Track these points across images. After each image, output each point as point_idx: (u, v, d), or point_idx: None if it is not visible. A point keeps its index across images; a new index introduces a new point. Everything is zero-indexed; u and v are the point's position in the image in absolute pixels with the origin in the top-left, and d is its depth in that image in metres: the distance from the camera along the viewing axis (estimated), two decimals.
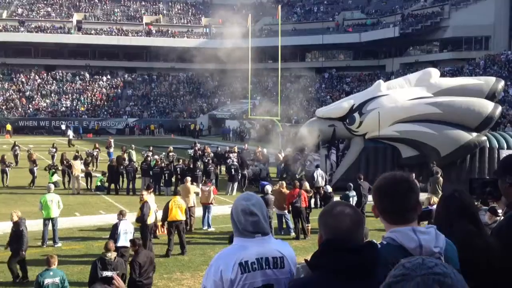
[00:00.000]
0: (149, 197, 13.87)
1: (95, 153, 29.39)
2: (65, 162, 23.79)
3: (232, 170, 23.03)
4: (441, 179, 18.61)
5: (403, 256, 2.25)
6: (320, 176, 20.03)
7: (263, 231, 2.86)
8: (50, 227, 14.16)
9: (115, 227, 11.32)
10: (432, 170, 20.08)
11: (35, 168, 23.88)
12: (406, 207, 2.34)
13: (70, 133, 44.67)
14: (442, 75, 31.01)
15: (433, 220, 2.75)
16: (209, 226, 16.14)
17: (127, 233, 11.26)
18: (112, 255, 8.91)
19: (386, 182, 2.35)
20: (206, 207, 16.24)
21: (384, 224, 2.41)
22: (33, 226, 15.90)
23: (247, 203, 2.88)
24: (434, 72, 24.12)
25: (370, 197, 16.77)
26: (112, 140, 34.65)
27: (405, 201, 2.33)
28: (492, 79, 23.69)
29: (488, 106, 21.37)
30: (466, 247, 2.47)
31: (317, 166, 20.99)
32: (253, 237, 2.83)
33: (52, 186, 15.57)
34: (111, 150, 31.80)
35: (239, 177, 23.46)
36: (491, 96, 22.26)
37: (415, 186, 2.40)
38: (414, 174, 18.60)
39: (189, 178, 17.23)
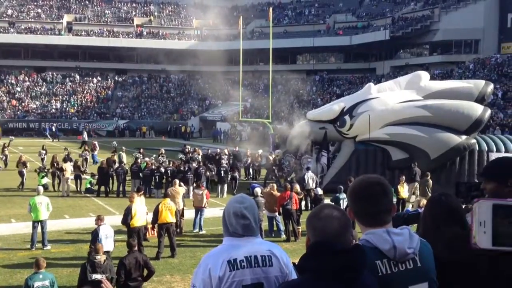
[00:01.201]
0: (139, 200, 13.80)
1: (85, 155, 29.27)
2: (55, 164, 23.63)
3: (222, 172, 23.04)
4: (430, 181, 18.76)
5: (378, 258, 2.28)
6: (310, 178, 20.07)
7: (252, 235, 2.88)
8: (39, 229, 14.04)
9: (95, 233, 11.18)
10: (414, 171, 20.33)
11: (24, 170, 23.71)
12: (379, 209, 2.36)
13: (85, 134, 44.52)
14: (432, 78, 31.22)
15: (420, 223, 2.77)
16: (200, 229, 16.12)
17: (108, 237, 11.16)
18: (101, 258, 8.87)
19: (360, 185, 2.39)
20: (198, 210, 16.21)
21: (360, 227, 2.44)
22: (22, 228, 15.89)
23: (240, 205, 2.90)
24: (424, 75, 24.27)
25: None
26: (96, 143, 34.57)
27: (379, 204, 2.36)
28: (482, 82, 23.87)
29: (477, 109, 21.52)
30: (453, 250, 2.49)
31: (307, 169, 21.03)
32: (242, 237, 2.86)
33: (41, 188, 15.44)
34: (95, 152, 31.61)
35: (229, 179, 23.48)
36: (480, 99, 22.43)
37: (388, 189, 2.43)
38: (404, 177, 18.81)
39: (177, 181, 17.16)
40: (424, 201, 12.99)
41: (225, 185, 23.06)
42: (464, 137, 21.52)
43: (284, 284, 2.50)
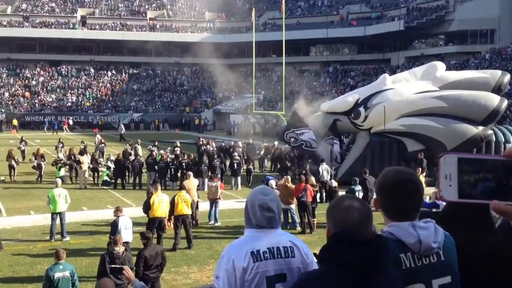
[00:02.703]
0: (161, 192, 13.97)
1: (102, 148, 29.58)
2: (72, 157, 23.90)
3: (235, 164, 23.11)
4: None
5: (403, 251, 2.28)
6: (325, 170, 20.07)
7: (274, 226, 2.90)
8: (58, 221, 14.24)
9: (114, 224, 11.34)
10: (421, 160, 20.22)
11: (42, 163, 24.01)
12: (410, 207, 2.33)
13: (122, 127, 44.92)
14: (448, 68, 30.94)
15: (440, 215, 2.73)
16: (216, 220, 16.22)
17: (127, 228, 11.32)
18: (120, 249, 8.99)
19: (392, 181, 2.32)
20: (213, 202, 16.31)
21: (384, 218, 2.41)
22: (41, 220, 16.12)
23: (266, 197, 2.89)
24: (440, 65, 24.06)
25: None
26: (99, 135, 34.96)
27: (409, 202, 2.32)
28: (498, 72, 23.60)
29: (494, 100, 21.30)
30: (474, 242, 2.48)
31: (322, 161, 20.99)
32: (265, 229, 2.87)
33: (59, 180, 15.67)
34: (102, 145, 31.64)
35: (241, 171, 23.56)
36: (497, 90, 22.19)
37: (420, 187, 2.39)
38: (420, 169, 18.72)
39: (191, 173, 17.27)
40: None
41: (239, 178, 23.13)
42: (480, 128, 21.32)
43: (304, 274, 2.51)
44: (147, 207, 13.21)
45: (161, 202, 13.22)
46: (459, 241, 2.43)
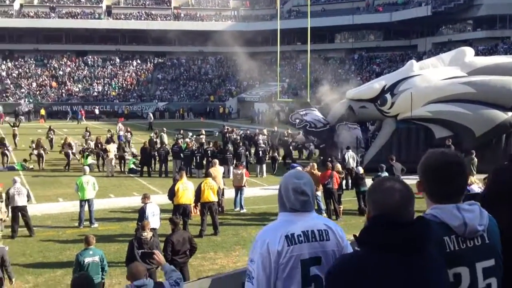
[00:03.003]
0: (185, 179, 14.02)
1: (128, 136, 29.95)
2: (99, 145, 24.23)
3: (260, 152, 23.11)
4: (475, 159, 18.35)
5: (447, 234, 2.23)
6: (351, 157, 19.92)
7: (308, 210, 2.87)
8: (86, 208, 14.46)
9: (142, 211, 11.41)
10: (449, 146, 19.82)
11: (70, 152, 24.39)
12: (455, 190, 2.30)
13: (151, 116, 45.56)
14: (476, 54, 30.28)
15: (482, 196, 2.66)
16: (241, 207, 16.27)
17: (154, 215, 11.38)
18: (148, 234, 9.07)
19: (438, 164, 2.29)
20: (238, 189, 16.36)
21: (426, 201, 2.37)
22: (70, 207, 16.41)
23: (299, 181, 2.86)
24: (469, 51, 23.59)
25: (402, 178, 16.62)
26: (120, 124, 35.28)
27: (455, 185, 2.29)
28: None
29: None
30: None
31: (347, 148, 20.83)
32: (299, 212, 2.84)
33: (87, 168, 15.87)
34: (121, 133, 31.98)
35: (266, 159, 23.55)
36: None
37: (466, 169, 2.35)
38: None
39: (217, 161, 17.33)
40: (472, 179, 12.70)
41: (264, 165, 23.13)
42: (510, 113, 20.91)
43: (344, 256, 2.48)
44: (172, 194, 13.32)
45: (185, 189, 13.26)
46: (501, 223, 2.37)
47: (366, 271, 2.02)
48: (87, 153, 23.59)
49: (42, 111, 54.11)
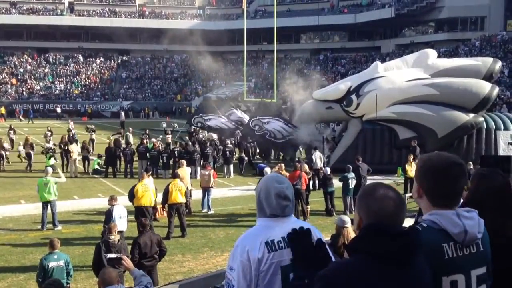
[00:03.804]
0: (147, 180, 13.76)
1: (92, 136, 29.35)
2: (62, 145, 23.67)
3: (227, 152, 23.04)
4: None
5: (446, 241, 2.23)
6: (318, 158, 20.06)
7: (287, 215, 2.85)
8: (49, 210, 14.09)
9: (109, 213, 11.14)
10: (415, 147, 20.25)
11: (31, 152, 23.75)
12: (455, 191, 2.30)
13: (122, 115, 44.69)
14: (438, 56, 30.92)
15: (466, 201, 2.69)
16: (209, 208, 16.17)
17: (121, 217, 11.14)
18: (115, 237, 8.89)
19: (438, 165, 2.28)
20: (206, 190, 16.24)
21: (424, 205, 2.36)
22: (32, 209, 15.97)
23: (281, 186, 2.83)
24: (432, 53, 24.08)
25: (368, 179, 16.84)
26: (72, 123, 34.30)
27: (457, 185, 2.29)
28: (490, 59, 23.66)
29: (485, 87, 21.39)
30: (499, 229, 2.44)
31: (315, 148, 20.97)
32: (277, 217, 2.82)
33: (50, 169, 15.42)
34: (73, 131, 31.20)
35: (233, 159, 23.50)
36: (488, 77, 22.27)
37: (466, 170, 2.35)
38: (413, 156, 18.75)
39: (184, 161, 17.15)
40: None
41: (231, 166, 23.06)
42: (472, 115, 21.43)
43: (338, 263, 2.44)
44: (131, 195, 13.05)
45: (146, 191, 12.90)
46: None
47: (361, 279, 1.99)
48: (51, 154, 23.00)
49: (2, 110, 52.60)
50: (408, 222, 2.27)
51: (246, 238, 2.79)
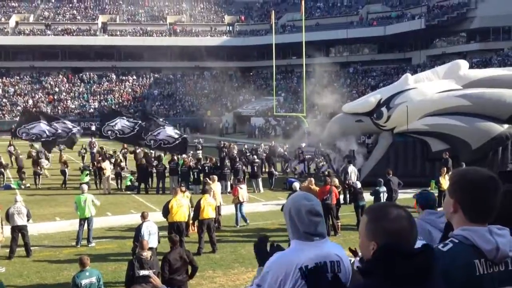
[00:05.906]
0: (181, 195, 13.94)
1: (123, 153, 29.85)
2: (96, 163, 24.15)
3: (255, 167, 23.06)
4: None
5: (477, 257, 2.21)
6: (353, 172, 19.89)
7: (322, 234, 2.81)
8: (85, 226, 14.34)
9: (138, 230, 11.25)
10: (447, 159, 19.84)
11: (66, 169, 24.29)
12: (492, 205, 2.28)
13: None
14: (470, 66, 30.47)
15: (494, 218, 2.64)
16: (245, 220, 16.24)
17: (151, 234, 11.14)
18: (147, 254, 8.98)
19: (475, 180, 2.27)
20: (239, 204, 16.32)
21: (457, 220, 2.33)
22: (67, 226, 16.30)
23: (311, 203, 2.80)
24: (463, 64, 23.72)
25: (400, 192, 16.62)
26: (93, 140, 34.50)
27: (494, 200, 2.28)
28: None
29: None
30: None
31: (349, 162, 20.77)
32: (312, 240, 2.76)
33: (85, 186, 15.76)
34: (94, 150, 31.61)
35: (262, 174, 23.54)
36: None
37: (501, 185, 2.33)
38: (445, 169, 18.43)
39: (215, 177, 17.29)
40: None
41: (259, 180, 23.06)
42: (506, 126, 20.98)
43: (357, 286, 2.42)
44: (166, 211, 13.22)
45: (180, 206, 13.13)
46: None
47: None
48: (87, 171, 23.44)
49: None
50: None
51: (280, 262, 2.73)
